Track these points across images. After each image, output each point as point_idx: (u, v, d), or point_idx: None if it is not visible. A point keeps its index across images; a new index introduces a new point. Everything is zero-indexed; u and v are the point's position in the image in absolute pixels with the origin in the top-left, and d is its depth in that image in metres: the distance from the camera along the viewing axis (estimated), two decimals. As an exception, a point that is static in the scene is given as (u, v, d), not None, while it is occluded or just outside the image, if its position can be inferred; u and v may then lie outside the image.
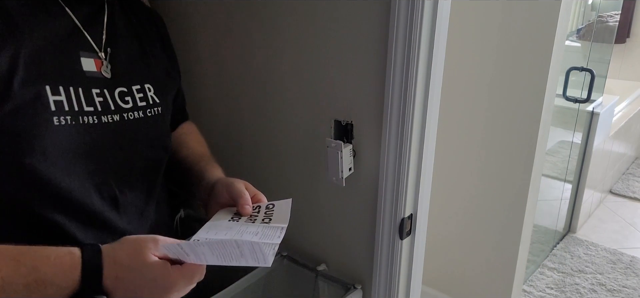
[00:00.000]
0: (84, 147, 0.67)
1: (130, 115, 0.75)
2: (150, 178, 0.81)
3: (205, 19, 1.19)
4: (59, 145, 0.64)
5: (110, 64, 0.74)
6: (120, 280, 0.56)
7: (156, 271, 0.56)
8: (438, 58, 0.90)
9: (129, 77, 0.77)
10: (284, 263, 1.18)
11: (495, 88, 1.70)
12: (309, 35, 1.00)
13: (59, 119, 0.64)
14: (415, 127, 0.92)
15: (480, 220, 1.88)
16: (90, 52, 0.71)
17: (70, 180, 0.66)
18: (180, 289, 0.59)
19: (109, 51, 0.74)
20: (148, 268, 0.56)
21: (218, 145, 1.31)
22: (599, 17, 2.86)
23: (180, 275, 0.58)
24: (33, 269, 0.54)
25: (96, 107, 0.69)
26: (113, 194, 0.73)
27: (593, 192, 3.16)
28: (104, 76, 0.72)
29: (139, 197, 0.78)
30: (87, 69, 0.70)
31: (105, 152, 0.71)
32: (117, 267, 0.56)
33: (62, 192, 0.66)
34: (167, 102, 0.85)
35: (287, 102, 1.10)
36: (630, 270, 2.65)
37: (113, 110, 0.72)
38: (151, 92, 0.80)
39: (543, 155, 1.77)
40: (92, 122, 0.68)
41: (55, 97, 0.64)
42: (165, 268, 0.57)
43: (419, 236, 1.04)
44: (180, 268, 0.58)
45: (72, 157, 0.66)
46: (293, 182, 1.16)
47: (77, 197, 0.67)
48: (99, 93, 0.71)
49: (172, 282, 0.57)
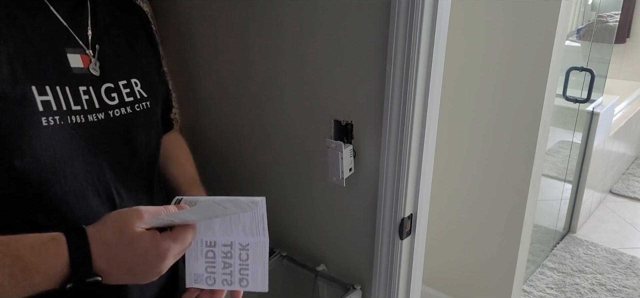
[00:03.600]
0: (76, 147, 0.66)
1: (116, 112, 0.73)
2: (145, 175, 0.79)
3: (205, 19, 1.19)
4: (49, 146, 0.63)
5: (98, 61, 0.72)
6: (112, 259, 0.55)
7: (146, 242, 0.55)
8: (438, 58, 0.90)
9: (115, 72, 0.75)
10: (284, 263, 1.18)
11: (496, 88, 1.70)
12: (309, 35, 1.00)
13: (48, 119, 0.62)
14: (415, 127, 0.92)
15: (480, 220, 1.88)
16: (76, 47, 0.70)
17: (65, 181, 0.65)
18: (176, 253, 0.58)
19: (97, 48, 0.73)
20: (137, 242, 0.55)
21: (218, 145, 1.31)
22: (599, 17, 2.86)
23: (172, 239, 0.57)
24: (17, 258, 0.52)
25: (83, 105, 0.68)
26: (110, 195, 0.71)
27: (593, 192, 3.16)
28: (92, 74, 0.70)
29: (137, 195, 0.76)
30: (75, 66, 0.68)
31: (97, 151, 0.69)
32: (106, 247, 0.55)
33: (57, 195, 0.64)
34: (156, 96, 0.83)
35: (287, 102, 1.10)
36: (630, 270, 2.65)
37: (97, 109, 0.70)
38: (138, 86, 0.78)
39: (543, 155, 1.77)
40: (80, 121, 0.67)
41: (42, 97, 0.62)
42: (155, 238, 0.56)
43: (419, 236, 1.03)
44: (170, 233, 0.57)
45: (66, 158, 0.65)
46: (293, 182, 1.16)
47: (73, 199, 0.66)
48: (85, 90, 0.69)
49: (164, 248, 0.56)
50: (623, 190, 3.59)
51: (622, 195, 3.55)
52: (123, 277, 0.56)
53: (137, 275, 0.57)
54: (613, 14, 2.93)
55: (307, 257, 1.18)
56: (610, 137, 3.14)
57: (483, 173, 1.82)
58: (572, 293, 2.45)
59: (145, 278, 0.58)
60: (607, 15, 2.91)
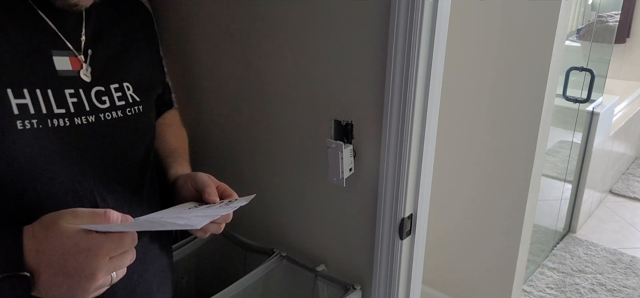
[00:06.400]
0: (56, 151, 0.64)
1: (108, 115, 0.71)
2: (135, 180, 0.77)
3: (205, 20, 1.19)
4: (24, 151, 0.61)
5: (90, 66, 0.71)
6: (41, 253, 0.54)
7: (76, 236, 0.54)
8: (438, 58, 0.90)
9: (107, 76, 0.73)
10: (284, 263, 1.18)
11: (496, 88, 1.70)
12: (309, 35, 1.00)
13: (23, 123, 0.61)
14: (415, 127, 0.92)
15: (480, 220, 1.88)
16: (64, 50, 0.68)
17: (41, 186, 0.64)
18: (111, 251, 0.55)
19: (90, 53, 0.71)
20: (66, 235, 0.54)
21: (218, 145, 1.30)
22: (599, 17, 2.86)
23: (106, 238, 0.55)
24: None
25: (69, 108, 0.66)
26: (93, 200, 0.69)
27: (593, 192, 3.16)
28: (81, 78, 0.69)
29: (124, 201, 0.74)
30: (61, 69, 0.67)
31: (82, 155, 0.68)
32: (36, 240, 0.54)
33: (32, 200, 0.63)
34: (150, 100, 0.82)
35: (287, 102, 1.10)
36: (630, 270, 2.65)
37: (88, 111, 0.69)
38: (130, 90, 0.76)
39: (543, 155, 1.77)
40: (63, 124, 0.65)
41: (18, 100, 0.61)
42: (86, 232, 0.54)
43: (419, 236, 1.03)
44: (103, 232, 0.55)
45: (42, 163, 0.63)
46: (293, 182, 1.16)
47: (51, 204, 0.64)
48: (73, 93, 0.67)
49: (97, 243, 0.54)
50: (623, 190, 3.59)
51: (622, 195, 3.55)
52: (54, 279, 0.54)
53: (69, 277, 0.54)
54: (613, 14, 2.93)
55: (307, 257, 1.18)
56: (610, 137, 3.14)
57: (483, 173, 1.82)
58: (572, 293, 2.45)
59: (79, 285, 0.54)
60: (607, 15, 2.91)
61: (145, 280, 0.78)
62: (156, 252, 0.82)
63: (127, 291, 0.74)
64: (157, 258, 0.82)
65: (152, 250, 0.80)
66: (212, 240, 1.27)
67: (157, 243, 0.82)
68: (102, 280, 0.56)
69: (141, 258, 0.72)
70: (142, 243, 0.75)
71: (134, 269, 0.67)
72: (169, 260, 0.88)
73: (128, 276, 0.62)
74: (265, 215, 1.25)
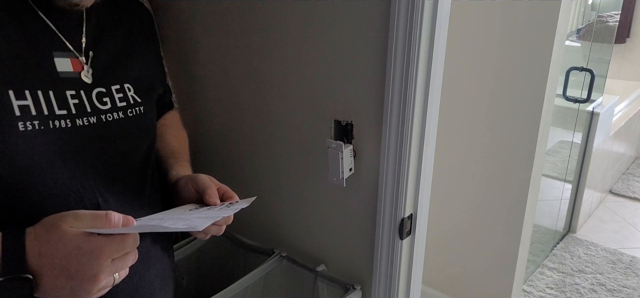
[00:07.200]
0: (58, 152, 0.64)
1: (109, 116, 0.72)
2: (136, 180, 0.77)
3: (205, 20, 1.19)
4: (26, 152, 0.61)
5: (91, 68, 0.71)
6: (44, 255, 0.54)
7: (78, 238, 0.54)
8: (438, 58, 0.90)
9: (108, 77, 0.73)
10: (284, 263, 1.18)
11: (496, 88, 1.70)
12: (309, 35, 1.00)
13: (25, 125, 0.61)
14: (415, 127, 0.92)
15: (480, 220, 1.88)
16: (65, 51, 0.68)
17: (43, 187, 0.64)
18: (113, 253, 0.56)
19: (91, 55, 0.71)
20: (68, 238, 0.54)
21: (218, 146, 1.31)
22: (599, 17, 2.86)
23: (107, 240, 0.55)
24: None
25: (70, 109, 0.66)
26: (95, 201, 0.69)
27: (593, 192, 3.16)
28: (83, 80, 0.69)
29: (125, 202, 0.74)
30: (62, 70, 0.67)
31: (84, 156, 0.68)
32: (38, 242, 0.54)
33: (34, 200, 0.63)
34: (151, 101, 0.82)
35: (287, 102, 1.10)
36: (630, 270, 2.65)
37: (89, 112, 0.69)
38: (131, 91, 0.76)
39: (543, 155, 1.77)
40: (65, 125, 0.65)
41: (20, 102, 0.61)
42: (87, 234, 0.54)
43: (419, 236, 1.04)
44: (105, 234, 0.56)
45: (44, 164, 0.63)
46: (293, 182, 1.16)
47: (52, 205, 0.64)
48: (74, 95, 0.67)
49: (99, 245, 0.54)
50: (623, 190, 3.59)
51: (622, 195, 3.55)
52: (57, 281, 0.54)
53: (71, 279, 0.54)
54: (613, 14, 2.93)
55: (307, 257, 1.18)
56: (610, 137, 3.14)
57: (483, 173, 1.82)
58: (572, 293, 2.45)
59: (82, 287, 0.55)
60: (607, 15, 2.91)
61: (147, 281, 0.78)
62: (158, 253, 0.82)
63: (129, 292, 0.74)
64: (159, 259, 0.82)
65: (153, 251, 0.81)
66: (213, 240, 1.27)
67: (158, 244, 0.82)
68: (104, 282, 0.56)
69: (143, 259, 0.72)
70: (144, 244, 0.75)
71: (136, 270, 0.67)
72: (171, 261, 0.88)
73: (130, 277, 0.62)
74: (266, 216, 1.25)
